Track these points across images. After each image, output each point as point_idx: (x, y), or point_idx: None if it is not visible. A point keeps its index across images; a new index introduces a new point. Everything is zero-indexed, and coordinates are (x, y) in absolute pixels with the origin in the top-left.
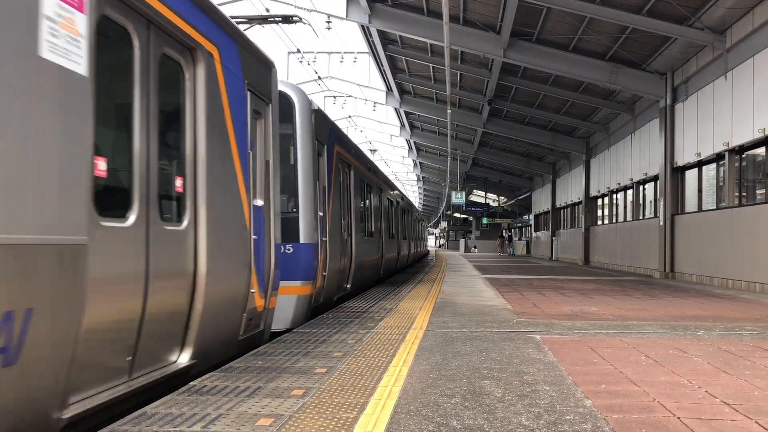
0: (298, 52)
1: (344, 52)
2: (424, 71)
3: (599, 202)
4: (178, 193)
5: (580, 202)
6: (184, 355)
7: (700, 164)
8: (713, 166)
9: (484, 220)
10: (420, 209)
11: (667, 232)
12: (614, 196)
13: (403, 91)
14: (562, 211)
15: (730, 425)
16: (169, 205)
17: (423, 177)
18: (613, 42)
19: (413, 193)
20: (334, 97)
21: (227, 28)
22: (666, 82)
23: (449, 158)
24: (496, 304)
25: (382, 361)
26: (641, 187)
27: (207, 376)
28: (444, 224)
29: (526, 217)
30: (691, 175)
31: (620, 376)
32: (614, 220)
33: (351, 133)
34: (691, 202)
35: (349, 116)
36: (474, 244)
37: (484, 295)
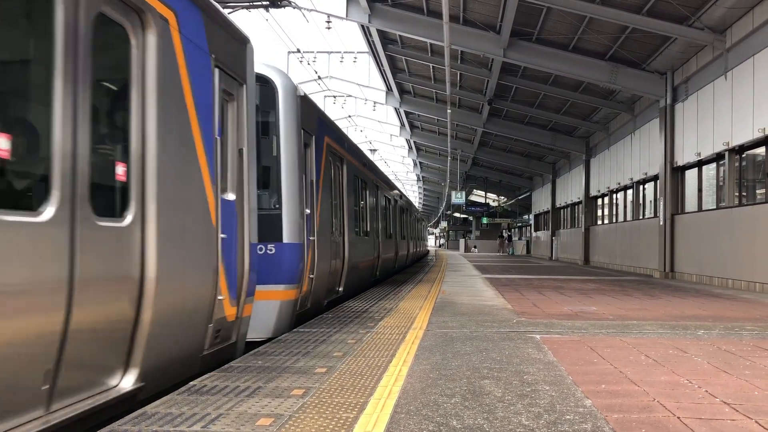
0: (298, 51)
1: (344, 52)
2: (424, 71)
3: (599, 201)
4: (120, 183)
5: (580, 202)
6: (128, 377)
7: (700, 164)
8: (713, 165)
9: (484, 220)
10: (420, 209)
11: (667, 232)
12: (614, 195)
13: (403, 91)
14: (562, 210)
15: (730, 425)
16: (107, 196)
17: (423, 177)
18: (613, 42)
19: (413, 193)
20: (334, 96)
21: None
22: (666, 82)
23: (449, 158)
24: (496, 304)
25: (382, 361)
26: (641, 187)
27: (207, 376)
28: (444, 224)
29: (526, 217)
30: (691, 175)
31: (620, 375)
32: (614, 220)
33: (351, 133)
34: (691, 202)
35: (349, 116)
36: (474, 244)
37: (484, 295)
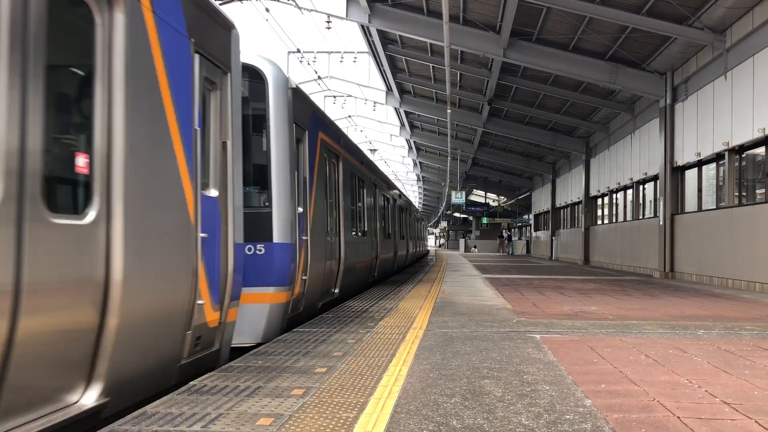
0: (298, 51)
1: (344, 52)
2: (424, 71)
3: (599, 201)
4: (82, 177)
5: (579, 202)
6: (90, 392)
7: (699, 164)
8: (713, 165)
9: (484, 220)
10: (420, 209)
11: (667, 232)
12: (614, 195)
13: (403, 91)
14: (562, 210)
15: (730, 425)
16: (65, 191)
17: (423, 177)
18: (613, 42)
19: (413, 193)
20: (334, 96)
21: None
22: (666, 82)
23: (449, 158)
24: (496, 304)
25: (382, 361)
26: (641, 187)
27: (207, 375)
28: (444, 224)
29: (526, 217)
30: (691, 175)
31: (620, 375)
32: (614, 220)
33: (351, 133)
34: (690, 202)
35: (349, 116)
36: (474, 244)
37: (483, 295)
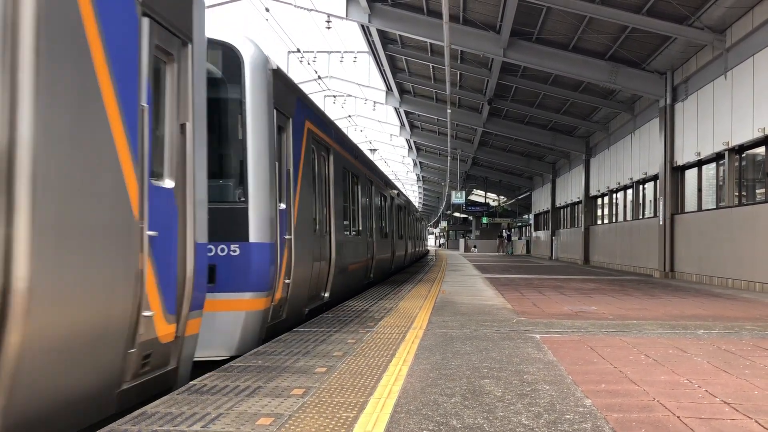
0: (298, 51)
1: (344, 52)
2: (424, 71)
3: (599, 201)
4: None
5: (579, 202)
6: None
7: (699, 164)
8: (713, 165)
9: (484, 220)
10: (420, 209)
11: (667, 232)
12: (614, 195)
13: (402, 91)
14: (562, 210)
15: (730, 424)
16: None
17: (423, 176)
18: (613, 41)
19: (413, 193)
20: (334, 96)
21: None
22: (666, 82)
23: (449, 158)
24: (496, 304)
25: (382, 361)
26: (641, 187)
27: (207, 375)
28: (444, 224)
29: (526, 217)
30: (691, 175)
31: (620, 375)
32: (614, 220)
33: (351, 133)
34: (690, 202)
35: (349, 116)
36: (474, 244)
37: (483, 295)
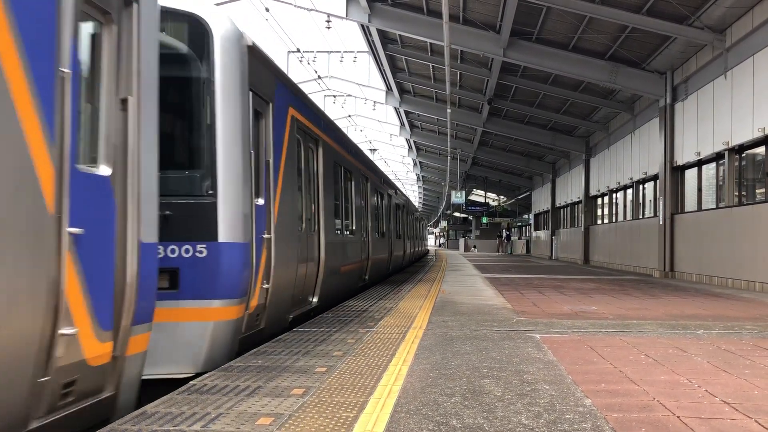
0: (298, 51)
1: (344, 52)
2: (423, 70)
3: (599, 201)
4: None
5: (579, 202)
6: None
7: (699, 163)
8: (713, 165)
9: (484, 220)
10: (420, 208)
11: (667, 232)
12: (614, 195)
13: (402, 91)
14: (562, 210)
15: (730, 424)
16: None
17: (423, 176)
18: (613, 41)
19: (413, 193)
20: (334, 96)
21: None
22: (666, 82)
23: (449, 157)
24: (496, 304)
25: (382, 360)
26: (641, 187)
27: (207, 375)
28: (444, 223)
29: (526, 217)
30: (691, 175)
31: (620, 375)
32: (614, 220)
33: (351, 133)
34: (690, 202)
35: (349, 115)
36: (474, 244)
37: (483, 295)
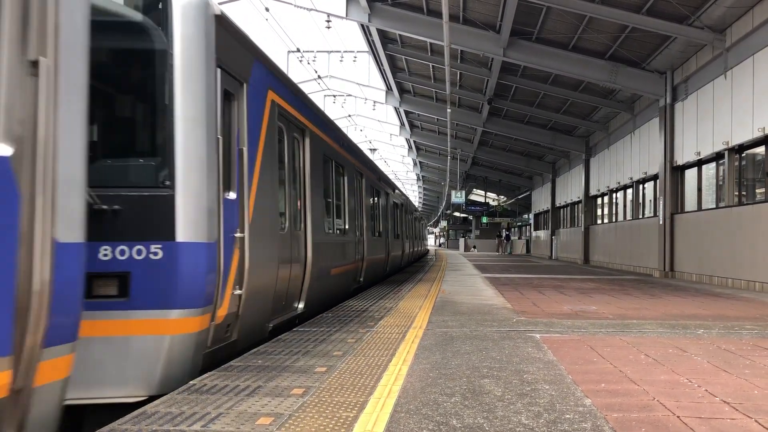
0: (298, 51)
1: (344, 51)
2: (423, 70)
3: (599, 201)
4: None
5: (579, 201)
6: None
7: (699, 163)
8: (713, 165)
9: (484, 220)
10: (420, 208)
11: (667, 231)
12: (614, 195)
13: (402, 90)
14: (562, 210)
15: (730, 424)
16: None
17: (423, 176)
18: (613, 41)
19: (413, 192)
20: (334, 96)
21: None
22: (666, 81)
23: (449, 157)
24: (496, 303)
25: (382, 360)
26: (641, 186)
27: (207, 375)
28: (444, 223)
29: (526, 216)
30: (691, 174)
31: (620, 375)
32: (614, 219)
33: (351, 133)
34: (690, 201)
35: (349, 115)
36: (473, 244)
37: (483, 294)
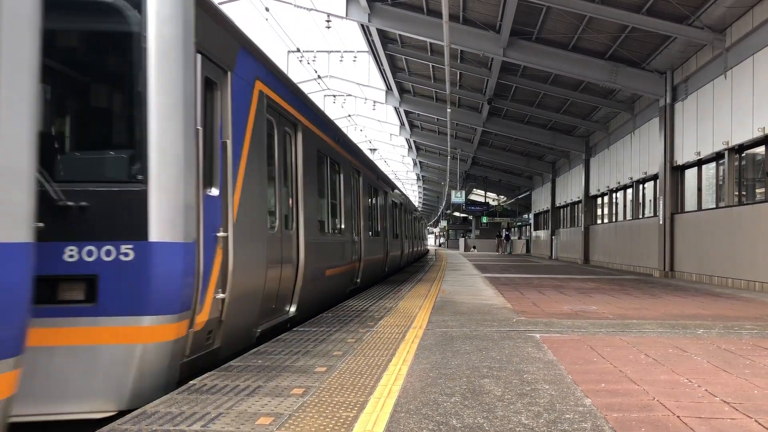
0: (298, 51)
1: (344, 51)
2: (423, 70)
3: (599, 201)
4: None
5: (579, 201)
6: None
7: (699, 163)
8: (713, 165)
9: (484, 219)
10: (420, 208)
11: (667, 231)
12: (614, 195)
13: (402, 90)
14: (562, 210)
15: (730, 424)
16: None
17: (423, 176)
18: (613, 41)
19: (413, 192)
20: (334, 96)
21: None
22: (666, 81)
23: (449, 157)
24: (496, 303)
25: (382, 360)
26: (641, 186)
27: (206, 375)
28: (444, 223)
29: (526, 216)
30: (691, 174)
31: (620, 374)
32: (614, 219)
33: (351, 133)
34: (690, 201)
35: (349, 115)
36: (473, 244)
37: (483, 294)
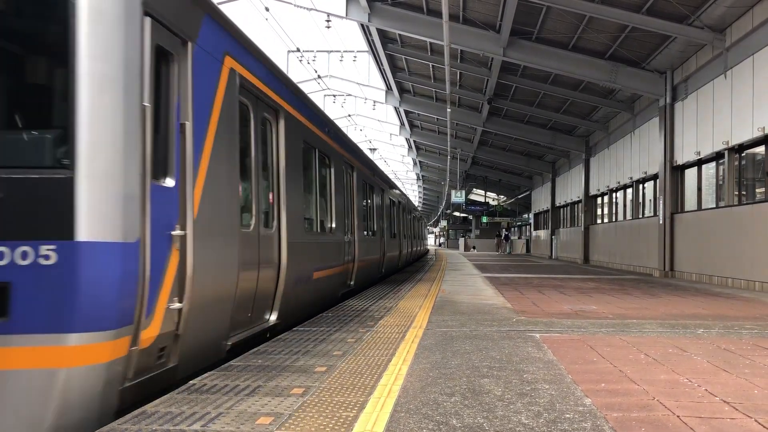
0: (298, 51)
1: (344, 51)
2: (423, 70)
3: (599, 200)
4: None
5: (579, 201)
6: None
7: (699, 163)
8: (713, 164)
9: (484, 219)
10: (420, 208)
11: (667, 231)
12: (614, 194)
13: (402, 90)
14: (562, 209)
15: (730, 423)
16: None
17: (423, 176)
18: (613, 41)
19: (413, 192)
20: (334, 95)
21: None
22: (666, 81)
23: (449, 157)
24: (496, 303)
25: (382, 360)
26: (641, 186)
27: (206, 375)
28: (444, 223)
29: (526, 216)
30: (691, 174)
31: (620, 374)
32: (614, 219)
33: (351, 132)
34: (690, 201)
35: (349, 115)
36: (473, 244)
37: (483, 294)
